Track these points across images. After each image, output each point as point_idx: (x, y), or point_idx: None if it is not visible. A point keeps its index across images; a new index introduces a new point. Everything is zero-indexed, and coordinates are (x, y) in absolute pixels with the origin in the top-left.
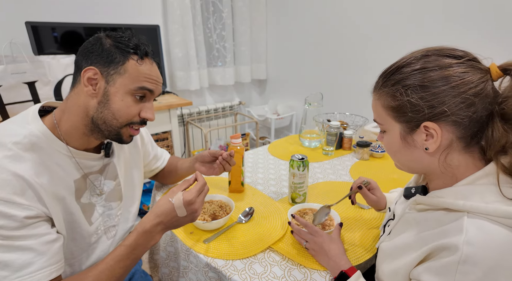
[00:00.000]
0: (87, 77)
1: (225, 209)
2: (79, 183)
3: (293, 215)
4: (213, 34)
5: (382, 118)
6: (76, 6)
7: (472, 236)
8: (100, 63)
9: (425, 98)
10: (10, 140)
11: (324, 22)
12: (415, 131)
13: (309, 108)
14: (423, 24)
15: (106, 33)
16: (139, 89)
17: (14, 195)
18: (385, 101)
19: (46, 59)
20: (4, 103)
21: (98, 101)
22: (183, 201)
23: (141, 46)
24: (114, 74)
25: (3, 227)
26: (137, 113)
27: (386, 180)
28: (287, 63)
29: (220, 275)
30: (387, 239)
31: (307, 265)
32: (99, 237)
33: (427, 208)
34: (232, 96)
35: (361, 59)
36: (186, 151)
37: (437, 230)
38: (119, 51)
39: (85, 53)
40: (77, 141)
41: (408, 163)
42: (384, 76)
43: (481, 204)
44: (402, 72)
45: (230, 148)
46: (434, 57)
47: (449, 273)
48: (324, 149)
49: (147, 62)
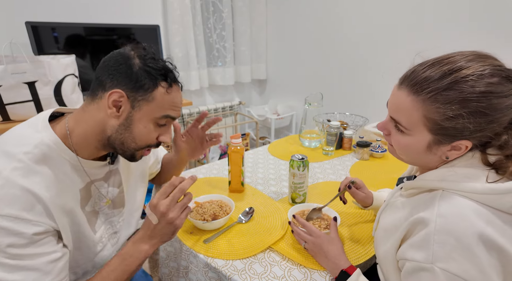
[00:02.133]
0: (113, 99)
1: (225, 209)
2: (84, 192)
3: (294, 215)
4: (213, 34)
5: (411, 123)
6: (76, 6)
7: (443, 209)
8: (127, 87)
9: (481, 125)
10: (20, 150)
11: (324, 22)
12: (445, 144)
13: (309, 108)
14: (423, 24)
15: (135, 51)
16: (163, 118)
17: (23, 211)
18: (431, 114)
19: (46, 59)
20: (4, 103)
21: (119, 123)
22: (149, 206)
23: (171, 72)
24: (141, 100)
25: (12, 245)
26: (155, 138)
27: (386, 180)
28: (287, 63)
29: (220, 275)
30: (377, 225)
31: (307, 265)
32: (104, 245)
33: (415, 193)
34: (232, 96)
35: (361, 59)
36: None
37: (416, 208)
38: (149, 77)
39: (111, 71)
40: (86, 152)
41: (415, 160)
42: (434, 87)
43: (454, 181)
44: (462, 90)
45: (230, 148)
46: (498, 79)
47: (428, 245)
48: (324, 149)
49: (174, 89)
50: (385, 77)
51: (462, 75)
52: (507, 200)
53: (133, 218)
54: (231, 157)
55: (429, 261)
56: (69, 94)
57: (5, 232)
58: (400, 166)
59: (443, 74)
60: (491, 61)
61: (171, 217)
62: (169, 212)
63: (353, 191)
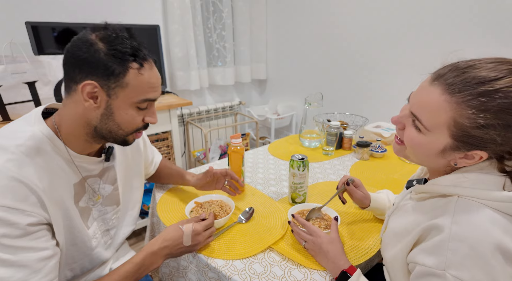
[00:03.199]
0: (87, 92)
1: (225, 209)
2: (78, 187)
3: (294, 215)
4: (213, 34)
5: (434, 123)
6: (76, 6)
7: (459, 215)
8: (97, 76)
9: (507, 138)
10: (13, 142)
11: (324, 22)
12: (461, 151)
13: (309, 108)
14: (423, 24)
15: (96, 34)
16: (142, 101)
17: (17, 201)
18: (461, 119)
19: (46, 59)
20: (4, 103)
21: (101, 114)
22: (192, 232)
23: (139, 49)
24: (115, 87)
25: (6, 236)
26: (141, 120)
27: (386, 180)
28: (287, 63)
29: (220, 275)
30: (385, 229)
31: (307, 265)
32: (98, 242)
33: (426, 197)
34: (232, 96)
35: (361, 59)
36: (186, 151)
37: (430, 213)
38: (117, 61)
39: (78, 63)
40: (78, 146)
41: (422, 161)
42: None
43: (470, 188)
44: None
45: (230, 148)
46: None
47: (441, 252)
48: (324, 149)
49: (146, 67)
50: (385, 77)
51: (507, 85)
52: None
53: (129, 216)
54: (231, 157)
55: (441, 268)
56: None
57: (0, 222)
58: (400, 166)
59: (486, 79)
60: None
61: (198, 248)
62: (200, 244)
63: (351, 189)
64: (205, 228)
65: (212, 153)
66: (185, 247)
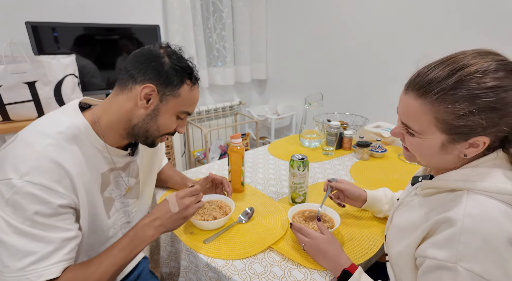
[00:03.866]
0: (145, 93)
1: (225, 209)
2: (105, 177)
3: (291, 224)
4: (213, 34)
5: (422, 126)
6: (76, 6)
7: (471, 209)
8: (158, 82)
9: (493, 120)
10: (54, 130)
11: (324, 22)
12: (460, 142)
13: (309, 108)
14: (423, 24)
15: (164, 50)
16: (183, 113)
17: (54, 182)
18: (441, 115)
19: (46, 59)
20: (4, 103)
21: (146, 114)
22: (175, 196)
23: (194, 71)
24: (169, 95)
25: (39, 213)
26: (174, 128)
27: (386, 180)
28: (287, 63)
29: (220, 275)
30: (390, 225)
31: (307, 265)
32: (116, 232)
33: (433, 193)
34: (232, 96)
35: (361, 59)
36: (186, 151)
37: (439, 207)
38: (177, 75)
39: (142, 67)
40: (112, 139)
41: (431, 162)
42: (440, 87)
43: (481, 182)
44: (468, 87)
45: (230, 148)
46: (503, 73)
47: (452, 245)
48: (324, 149)
49: (196, 86)
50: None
51: (466, 73)
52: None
53: (145, 209)
54: (231, 157)
55: (452, 261)
56: (69, 94)
57: (36, 199)
58: (400, 166)
59: (447, 75)
60: (494, 56)
61: (189, 212)
62: (189, 208)
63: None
64: (190, 193)
65: (212, 153)
66: (175, 214)
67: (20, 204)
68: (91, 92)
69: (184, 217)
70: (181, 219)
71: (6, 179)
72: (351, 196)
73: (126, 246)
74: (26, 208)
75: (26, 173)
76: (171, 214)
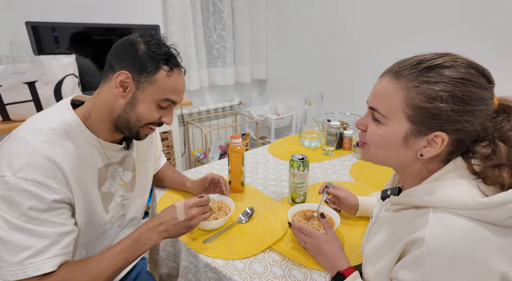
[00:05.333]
0: (120, 80)
1: (225, 210)
2: (102, 172)
3: (290, 223)
4: (213, 34)
5: (391, 110)
6: (76, 6)
7: (436, 229)
8: (132, 69)
9: (458, 112)
10: (47, 126)
11: (324, 22)
12: (421, 136)
13: (309, 108)
14: (423, 24)
15: (141, 37)
16: (164, 100)
17: (47, 178)
18: (412, 98)
19: (46, 59)
20: (4, 103)
21: (125, 103)
22: (184, 205)
23: (172, 56)
24: (144, 82)
25: (33, 208)
26: (158, 118)
27: (386, 181)
28: (287, 63)
29: (220, 275)
30: (367, 242)
31: (307, 265)
32: (112, 225)
33: (401, 208)
34: (232, 96)
35: (362, 59)
36: (186, 151)
37: (408, 226)
38: (152, 61)
39: (119, 55)
40: (104, 133)
41: (388, 159)
42: (416, 69)
43: (444, 198)
44: (443, 74)
45: (230, 148)
46: (474, 70)
47: (419, 266)
48: (324, 149)
49: (175, 73)
50: None
51: (442, 60)
52: (500, 213)
53: (141, 202)
54: (231, 157)
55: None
56: (69, 94)
57: (29, 195)
58: None
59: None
60: (464, 58)
61: (194, 223)
62: (195, 218)
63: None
64: (199, 203)
65: (212, 153)
66: (181, 222)
67: (15, 200)
68: (91, 92)
69: (188, 227)
70: (185, 228)
71: (1, 176)
72: (346, 204)
73: (128, 247)
74: (20, 204)
75: (19, 169)
76: (177, 221)
